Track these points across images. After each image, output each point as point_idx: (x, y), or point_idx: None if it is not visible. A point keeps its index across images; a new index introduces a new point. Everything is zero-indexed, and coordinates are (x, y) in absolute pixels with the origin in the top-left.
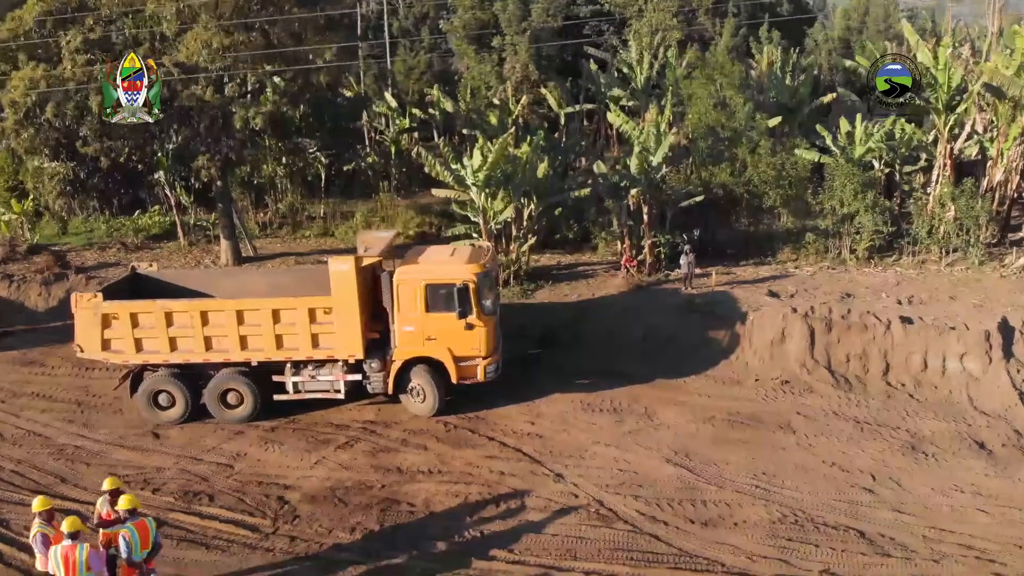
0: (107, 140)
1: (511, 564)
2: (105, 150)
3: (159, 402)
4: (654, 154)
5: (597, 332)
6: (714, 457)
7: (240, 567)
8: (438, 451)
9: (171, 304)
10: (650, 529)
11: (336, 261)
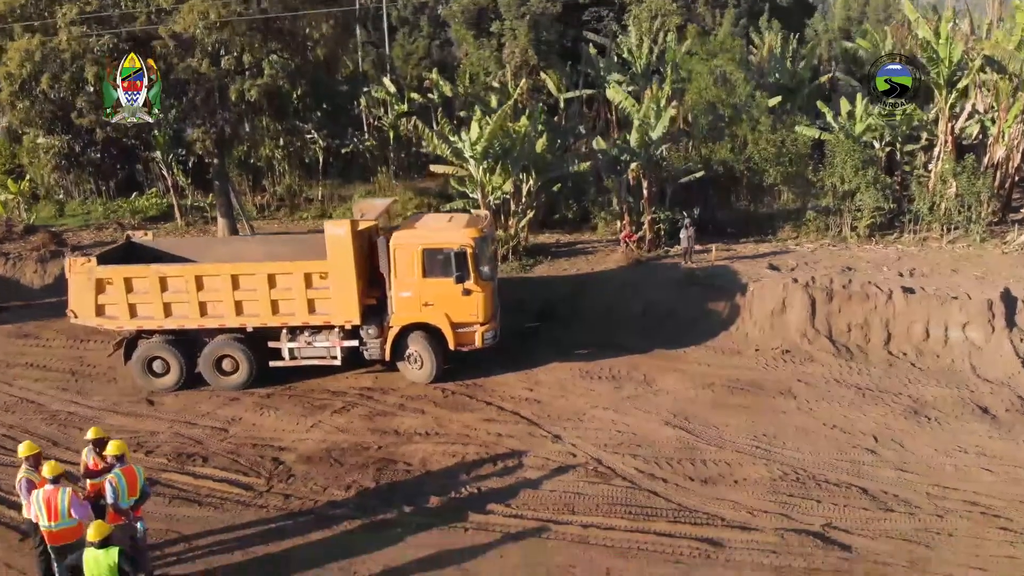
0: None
1: (508, 518)
2: (100, 122)
3: (153, 369)
4: (654, 128)
5: (596, 306)
6: (714, 420)
7: (233, 522)
8: (435, 415)
9: (166, 268)
10: (648, 486)
11: (332, 225)
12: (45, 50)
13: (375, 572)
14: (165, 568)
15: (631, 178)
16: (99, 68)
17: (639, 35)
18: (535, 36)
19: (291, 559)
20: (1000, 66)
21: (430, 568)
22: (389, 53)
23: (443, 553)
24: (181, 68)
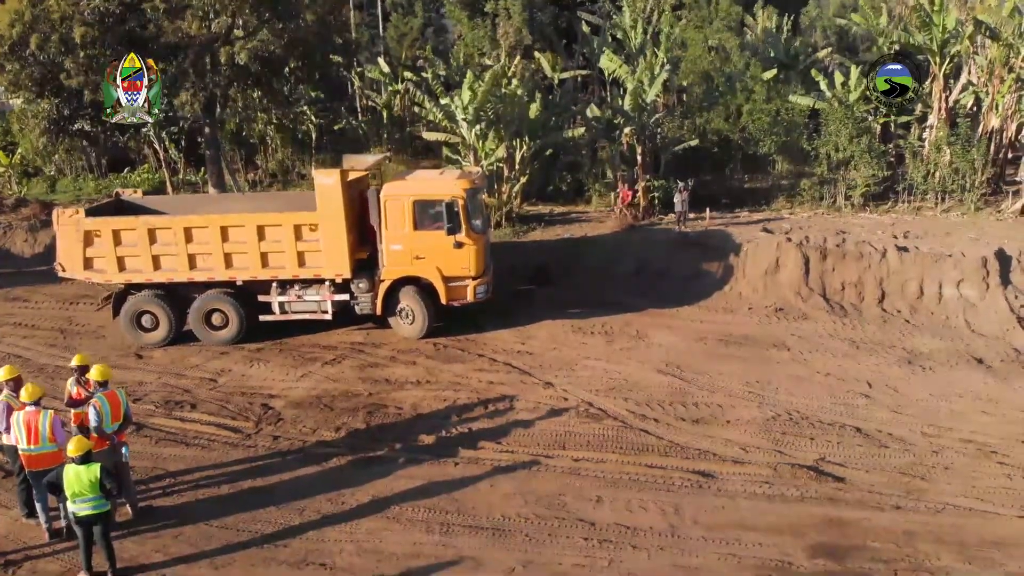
0: (92, 74)
1: (498, 453)
2: (90, 84)
3: (142, 324)
4: (647, 92)
5: (589, 267)
6: (706, 368)
7: (220, 460)
8: (427, 366)
9: (154, 220)
10: (639, 425)
11: (321, 175)
12: (35, 11)
13: (363, 502)
14: (150, 500)
15: (625, 144)
16: (88, 29)
17: (633, 16)
18: (529, 16)
19: (278, 491)
20: (993, 32)
21: (419, 497)
22: (383, 34)
23: (432, 484)
24: (171, 30)
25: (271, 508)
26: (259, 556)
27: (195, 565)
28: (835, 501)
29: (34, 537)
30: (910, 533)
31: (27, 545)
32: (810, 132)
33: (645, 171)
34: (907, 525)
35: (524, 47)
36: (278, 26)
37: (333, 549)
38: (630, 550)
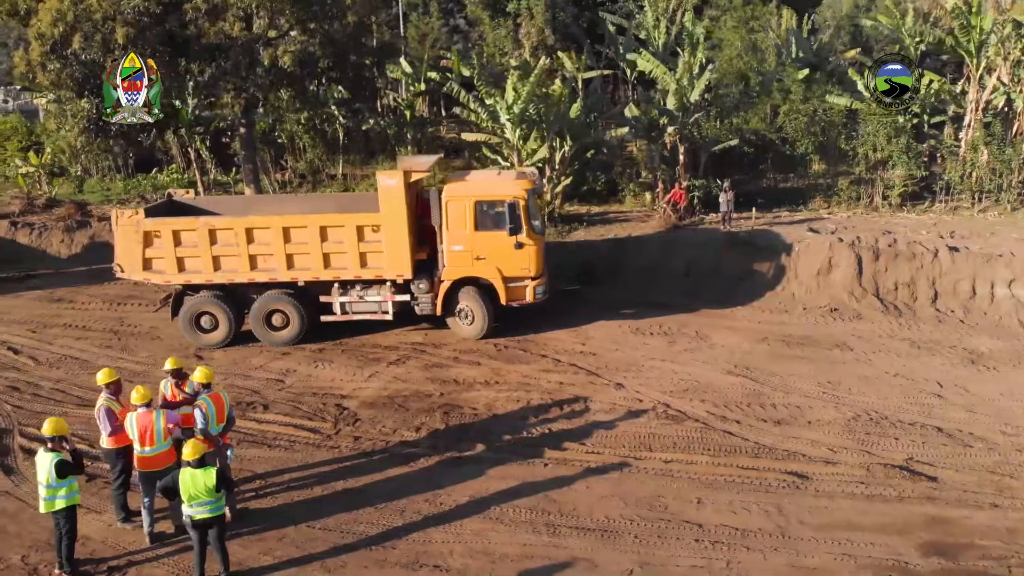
0: None
1: (586, 454)
2: None
3: (201, 324)
4: (691, 91)
5: (637, 267)
6: (774, 369)
7: (305, 462)
8: (492, 366)
9: (215, 221)
10: (722, 427)
11: (384, 176)
12: (77, 10)
13: (461, 503)
14: (244, 503)
15: (668, 142)
16: (129, 29)
17: (655, 15)
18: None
19: (371, 492)
20: None
21: (516, 498)
22: (404, 34)
23: (526, 485)
24: (213, 32)
25: (369, 509)
26: (370, 558)
27: (307, 568)
28: (933, 500)
29: (133, 542)
30: (1013, 531)
31: (127, 551)
32: (848, 132)
33: (687, 169)
34: (1008, 523)
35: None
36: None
37: (443, 551)
38: (744, 551)
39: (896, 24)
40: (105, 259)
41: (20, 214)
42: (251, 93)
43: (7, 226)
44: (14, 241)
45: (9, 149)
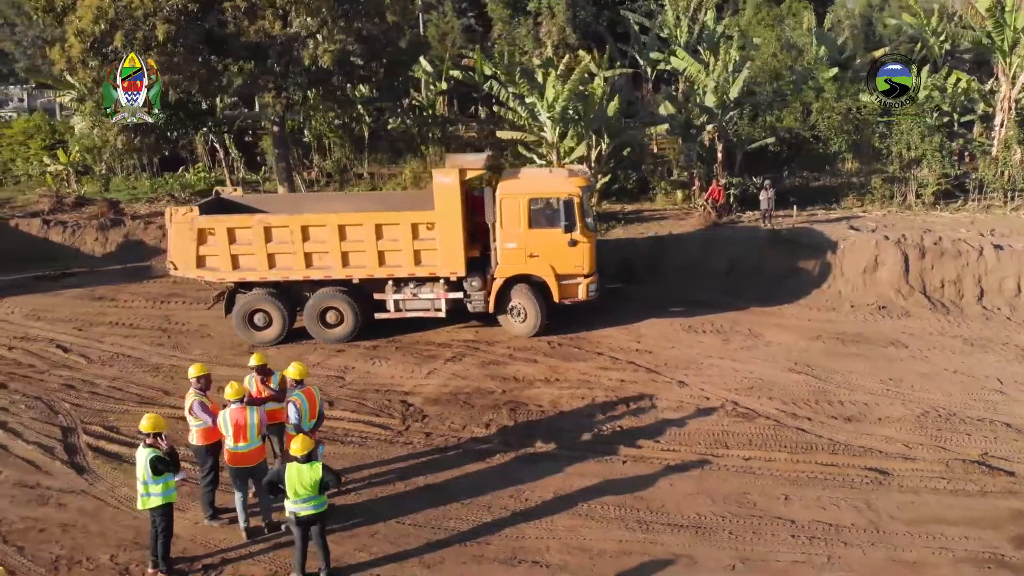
0: (175, 73)
1: (663, 452)
2: (173, 83)
3: (255, 322)
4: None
5: (678, 265)
6: (834, 367)
7: (381, 458)
8: (549, 364)
9: (271, 218)
10: (794, 424)
11: (440, 174)
12: (118, 7)
13: (547, 499)
14: None
15: (706, 140)
16: (170, 27)
17: (675, 13)
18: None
19: (453, 488)
20: None
21: (602, 495)
22: (424, 33)
23: (610, 482)
24: (253, 31)
25: (456, 505)
26: (466, 554)
27: (405, 564)
28: (1016, 495)
29: (223, 540)
30: None
31: (219, 548)
32: (881, 131)
33: (724, 166)
34: None
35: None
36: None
37: (539, 547)
38: (842, 546)
39: (920, 23)
40: (141, 257)
41: (50, 212)
42: (291, 92)
43: (39, 224)
44: (47, 239)
45: (32, 147)
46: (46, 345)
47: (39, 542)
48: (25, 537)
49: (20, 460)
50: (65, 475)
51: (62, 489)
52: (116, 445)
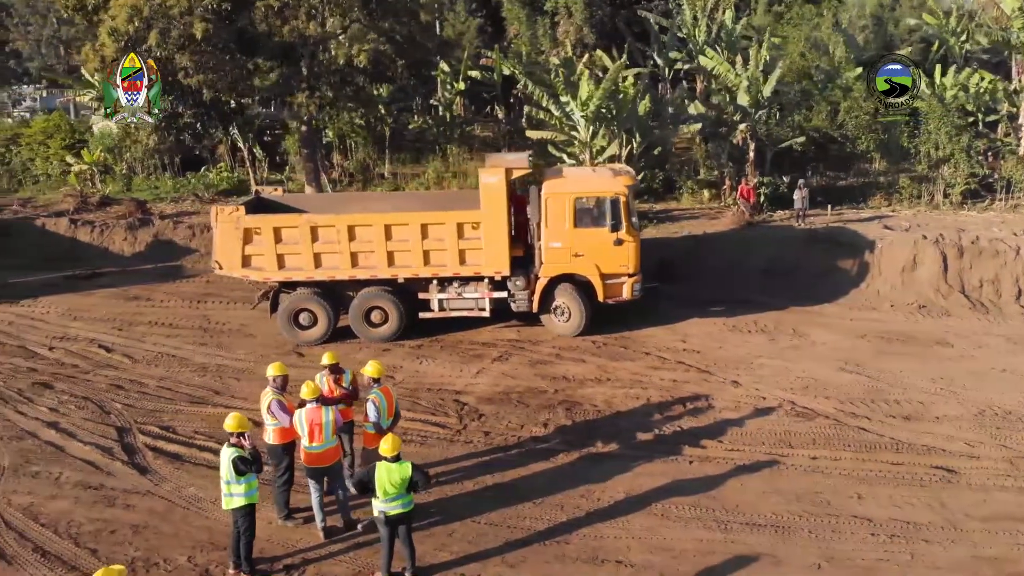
0: (209, 73)
1: (727, 451)
2: (207, 82)
3: (299, 321)
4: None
5: (715, 264)
6: (884, 366)
7: (445, 456)
8: (597, 363)
9: (317, 218)
10: (855, 423)
11: (486, 174)
12: (153, 5)
13: (619, 499)
14: None
15: (740, 139)
16: (207, 26)
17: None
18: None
19: (523, 487)
20: None
21: (674, 495)
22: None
23: (679, 482)
24: (287, 30)
25: (528, 504)
26: (547, 553)
27: (488, 563)
28: None
29: (301, 540)
30: None
31: (298, 548)
32: (910, 130)
33: (757, 166)
34: None
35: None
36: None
37: (619, 546)
38: (923, 544)
39: (940, 23)
40: (171, 257)
41: (75, 212)
42: (324, 92)
43: (67, 224)
44: (74, 239)
45: (52, 147)
46: (87, 345)
47: (112, 544)
48: (97, 539)
49: (78, 461)
50: (128, 476)
51: (127, 490)
52: (175, 445)
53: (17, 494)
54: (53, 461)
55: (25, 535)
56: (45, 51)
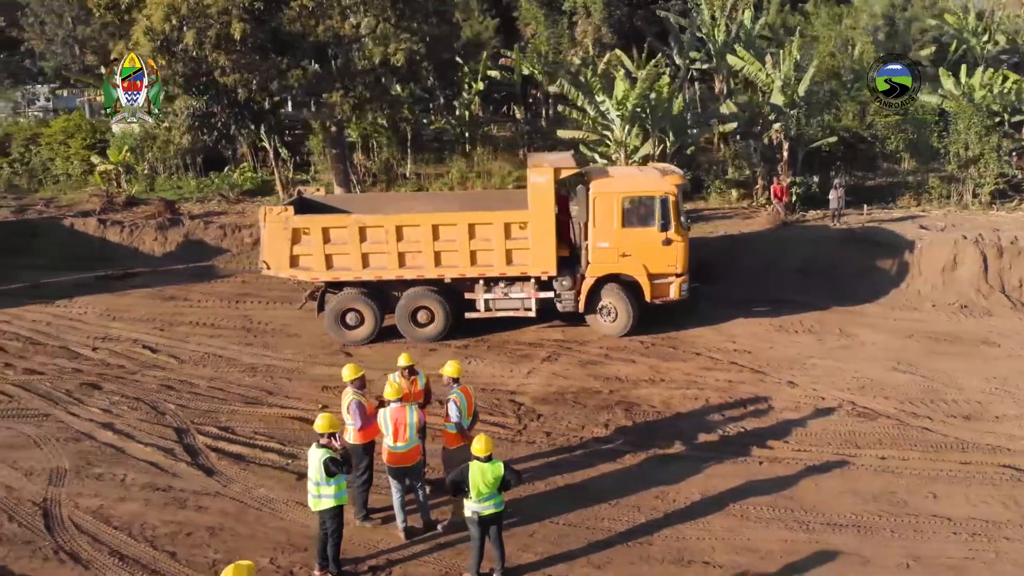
0: (245, 72)
1: (795, 452)
2: (244, 81)
3: (346, 321)
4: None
5: (752, 264)
6: (937, 366)
7: (508, 457)
8: (648, 363)
9: (366, 218)
10: (917, 423)
11: (535, 173)
12: (190, 4)
13: (695, 500)
14: None
15: (774, 139)
16: (245, 25)
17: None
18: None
19: (594, 488)
20: None
21: (749, 495)
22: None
23: (753, 483)
24: (321, 30)
25: (604, 506)
26: (632, 554)
27: (574, 564)
28: None
29: (382, 540)
30: None
31: (380, 549)
32: (940, 130)
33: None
34: None
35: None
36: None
37: (703, 547)
38: (1005, 542)
39: (960, 23)
40: (202, 257)
41: (101, 212)
42: (360, 92)
43: (95, 224)
44: (104, 239)
45: (73, 147)
46: (131, 346)
47: (190, 546)
48: (174, 542)
49: (140, 462)
50: (194, 477)
51: (196, 491)
52: (236, 446)
53: (83, 496)
54: (115, 463)
55: (99, 538)
56: (60, 50)
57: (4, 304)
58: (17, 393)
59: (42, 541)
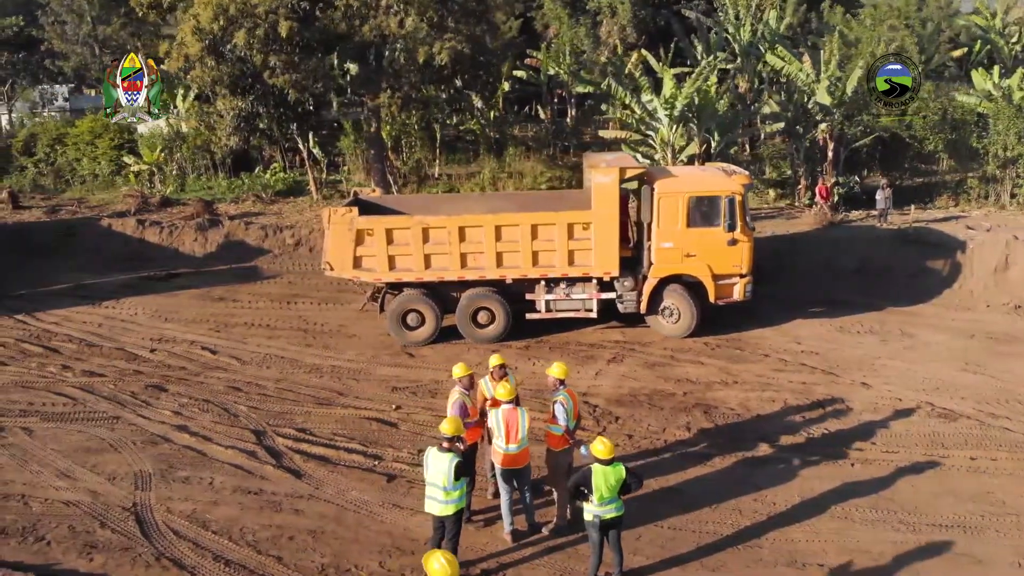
0: (294, 72)
1: (884, 453)
2: (293, 82)
3: (407, 322)
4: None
5: (807, 264)
6: (1004, 366)
7: None
8: (717, 365)
9: (429, 219)
10: (997, 424)
11: (599, 173)
12: (238, 3)
13: (795, 503)
14: None
15: (821, 139)
16: (293, 24)
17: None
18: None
19: (692, 491)
20: None
21: (849, 497)
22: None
23: (850, 484)
24: (367, 29)
25: (705, 509)
26: (744, 557)
27: (687, 568)
28: None
29: (487, 543)
30: None
31: (488, 553)
32: (979, 130)
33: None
34: None
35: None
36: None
37: (813, 549)
38: None
39: (988, 24)
40: (243, 258)
41: (136, 212)
42: (406, 92)
43: (134, 224)
44: (143, 240)
45: (100, 147)
46: (189, 347)
47: (295, 551)
48: (278, 546)
49: (225, 465)
50: (283, 480)
51: (289, 494)
52: (318, 448)
53: (174, 500)
54: (199, 466)
55: (199, 543)
56: (80, 50)
57: (49, 305)
58: (81, 396)
59: (141, 548)
